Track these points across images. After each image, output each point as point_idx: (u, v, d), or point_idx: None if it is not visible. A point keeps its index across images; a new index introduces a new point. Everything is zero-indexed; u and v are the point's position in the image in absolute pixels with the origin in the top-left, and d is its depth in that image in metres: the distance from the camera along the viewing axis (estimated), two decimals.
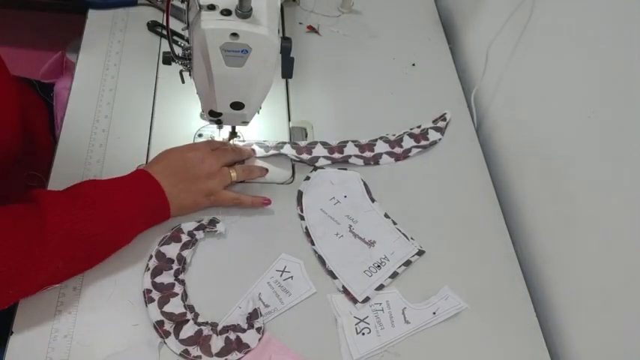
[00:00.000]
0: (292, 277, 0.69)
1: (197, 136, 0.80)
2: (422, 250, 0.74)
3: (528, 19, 0.80)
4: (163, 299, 0.63)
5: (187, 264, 0.67)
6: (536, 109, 0.80)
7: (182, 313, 0.63)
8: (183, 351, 0.61)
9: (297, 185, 0.78)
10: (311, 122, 0.85)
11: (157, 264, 0.66)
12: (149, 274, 0.65)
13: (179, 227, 0.69)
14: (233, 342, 0.62)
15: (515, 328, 0.71)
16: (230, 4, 0.57)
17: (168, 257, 0.67)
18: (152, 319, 0.62)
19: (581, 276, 0.70)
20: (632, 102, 0.62)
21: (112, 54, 0.85)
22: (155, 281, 0.64)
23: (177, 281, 0.65)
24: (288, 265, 0.70)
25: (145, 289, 0.64)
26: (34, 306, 0.61)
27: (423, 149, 0.84)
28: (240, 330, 0.63)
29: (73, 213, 0.58)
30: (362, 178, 0.79)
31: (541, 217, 0.79)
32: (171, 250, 0.67)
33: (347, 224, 0.75)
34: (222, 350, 0.61)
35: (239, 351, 0.61)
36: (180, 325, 0.62)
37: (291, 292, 0.68)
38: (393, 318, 0.68)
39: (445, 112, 0.88)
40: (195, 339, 0.62)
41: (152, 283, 0.64)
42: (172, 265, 0.66)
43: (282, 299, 0.67)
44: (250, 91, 0.64)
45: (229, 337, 0.62)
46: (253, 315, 0.64)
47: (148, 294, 0.64)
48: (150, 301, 0.63)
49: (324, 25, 0.99)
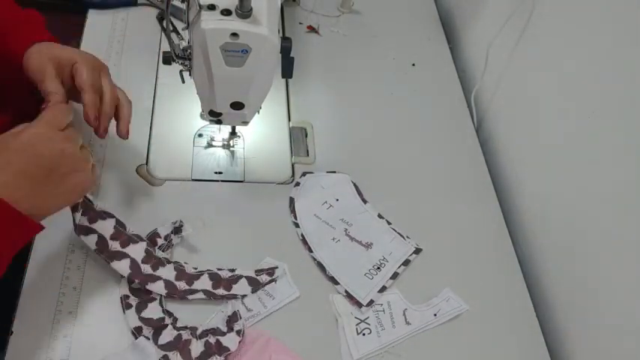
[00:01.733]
0: (276, 280, 0.68)
1: (197, 136, 0.80)
2: (419, 248, 0.74)
3: (528, 19, 0.80)
4: (141, 305, 0.62)
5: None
6: (536, 108, 0.80)
7: (161, 318, 0.62)
8: (162, 357, 0.60)
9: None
10: (311, 122, 0.85)
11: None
12: (125, 280, 0.64)
13: (155, 232, 0.68)
14: (213, 346, 0.61)
15: (515, 329, 0.71)
16: (230, 4, 0.57)
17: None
18: (130, 326, 0.61)
19: (582, 276, 0.70)
20: (632, 102, 0.62)
21: (112, 54, 0.85)
22: (133, 287, 0.63)
23: None
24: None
25: (123, 295, 0.63)
26: (34, 306, 0.61)
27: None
28: (219, 333, 0.62)
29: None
30: (352, 179, 0.79)
31: (541, 216, 0.78)
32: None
33: (342, 228, 0.74)
34: (202, 354, 0.60)
35: (219, 355, 0.60)
36: (159, 331, 0.61)
37: (275, 295, 0.67)
38: (393, 319, 0.68)
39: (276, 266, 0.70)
40: (174, 344, 0.60)
41: (129, 289, 0.63)
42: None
43: (266, 303, 0.66)
44: (250, 91, 0.64)
45: (209, 340, 0.61)
46: (233, 318, 0.63)
47: (126, 300, 0.63)
48: (127, 307, 0.62)
49: (324, 25, 0.98)
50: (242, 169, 0.78)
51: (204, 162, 0.78)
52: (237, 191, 0.76)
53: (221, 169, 0.77)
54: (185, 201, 0.73)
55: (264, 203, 0.75)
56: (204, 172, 0.76)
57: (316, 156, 0.81)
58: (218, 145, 0.79)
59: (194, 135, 0.80)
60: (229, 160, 0.78)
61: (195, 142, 0.79)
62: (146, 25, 0.90)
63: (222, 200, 0.74)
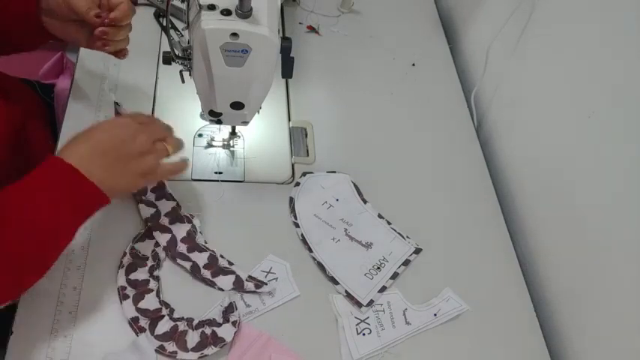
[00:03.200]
0: (277, 278, 0.69)
1: (197, 136, 0.80)
2: (419, 248, 0.74)
3: (528, 19, 0.80)
4: (138, 296, 0.63)
5: (162, 260, 0.67)
6: (536, 108, 0.80)
7: (157, 309, 0.63)
8: (158, 347, 0.61)
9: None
10: (311, 122, 0.85)
11: (131, 261, 0.66)
12: (123, 271, 0.65)
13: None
14: (209, 336, 0.62)
15: (515, 329, 0.71)
16: (230, 4, 0.57)
17: (143, 254, 0.66)
18: (127, 316, 0.62)
19: (582, 276, 0.70)
20: (632, 102, 0.62)
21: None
22: (129, 278, 0.64)
23: (152, 277, 0.65)
24: (274, 267, 0.69)
25: (120, 287, 0.64)
26: (34, 306, 0.61)
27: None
28: (215, 324, 0.63)
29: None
30: (352, 179, 0.79)
31: (541, 216, 0.78)
32: (146, 246, 0.67)
33: (342, 228, 0.74)
34: (197, 345, 0.61)
35: (215, 345, 0.61)
36: (155, 321, 0.62)
37: (274, 293, 0.67)
38: (393, 319, 0.68)
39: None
40: (170, 334, 0.62)
41: (126, 280, 0.64)
42: (147, 262, 0.66)
43: (265, 300, 0.67)
44: (250, 91, 0.64)
45: (205, 331, 0.62)
46: (229, 309, 0.64)
47: (123, 291, 0.64)
48: (124, 297, 0.63)
49: (324, 25, 0.98)
50: (242, 169, 0.78)
51: (204, 162, 0.78)
52: (237, 191, 0.76)
53: (221, 169, 0.77)
54: (185, 201, 0.73)
55: (264, 203, 0.75)
56: (204, 172, 0.76)
57: (316, 156, 0.81)
58: (218, 145, 0.79)
59: (194, 135, 0.80)
60: (229, 160, 0.78)
61: (195, 142, 0.79)
62: (146, 25, 0.90)
63: (222, 200, 0.74)
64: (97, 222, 0.68)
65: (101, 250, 0.67)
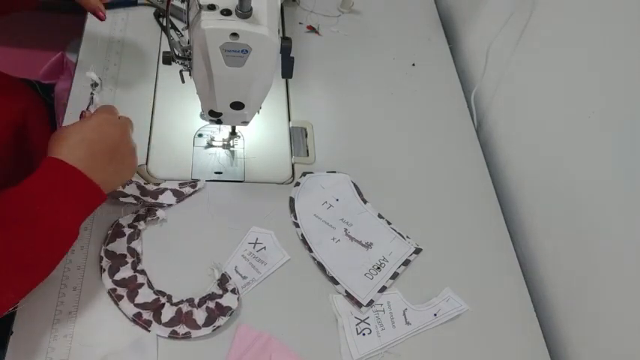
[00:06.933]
0: (265, 247, 0.70)
1: (197, 136, 0.80)
2: (419, 248, 0.74)
3: (528, 19, 0.80)
4: (131, 293, 0.64)
5: (141, 254, 0.67)
6: (536, 109, 0.80)
7: (155, 299, 0.64)
8: (170, 332, 0.62)
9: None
10: (311, 122, 0.85)
11: (110, 263, 0.65)
12: (106, 274, 0.65)
13: (118, 223, 0.69)
14: (214, 310, 0.64)
15: (515, 329, 0.71)
16: (230, 4, 0.57)
17: (120, 253, 0.66)
18: (129, 315, 0.62)
19: (582, 276, 0.70)
20: (632, 102, 0.62)
21: (112, 54, 0.85)
22: (116, 279, 0.64)
23: (138, 272, 0.65)
24: (259, 237, 0.71)
25: (110, 289, 0.64)
26: (34, 306, 0.61)
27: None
28: (217, 297, 0.64)
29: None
30: (352, 179, 0.79)
31: (541, 216, 0.79)
32: (119, 245, 0.67)
33: (342, 228, 0.74)
34: (207, 320, 0.63)
35: (224, 315, 0.63)
36: (158, 311, 0.63)
37: (266, 261, 0.70)
38: (393, 319, 0.68)
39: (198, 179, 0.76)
40: (178, 318, 0.63)
41: (114, 282, 0.64)
42: (127, 260, 0.66)
43: (259, 269, 0.69)
44: (250, 91, 0.64)
45: (209, 306, 0.64)
46: (223, 280, 0.66)
47: (114, 293, 0.64)
48: (119, 299, 0.63)
49: (324, 25, 0.99)
50: (242, 169, 0.78)
51: (204, 162, 0.78)
52: (237, 191, 0.76)
53: (221, 169, 0.77)
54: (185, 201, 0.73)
55: (264, 203, 0.75)
56: (204, 172, 0.76)
57: (316, 156, 0.81)
58: (218, 145, 0.79)
59: (194, 135, 0.80)
60: (229, 160, 0.79)
61: (195, 142, 0.79)
62: (146, 25, 0.90)
63: (222, 200, 0.74)
64: (98, 222, 0.68)
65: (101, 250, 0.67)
